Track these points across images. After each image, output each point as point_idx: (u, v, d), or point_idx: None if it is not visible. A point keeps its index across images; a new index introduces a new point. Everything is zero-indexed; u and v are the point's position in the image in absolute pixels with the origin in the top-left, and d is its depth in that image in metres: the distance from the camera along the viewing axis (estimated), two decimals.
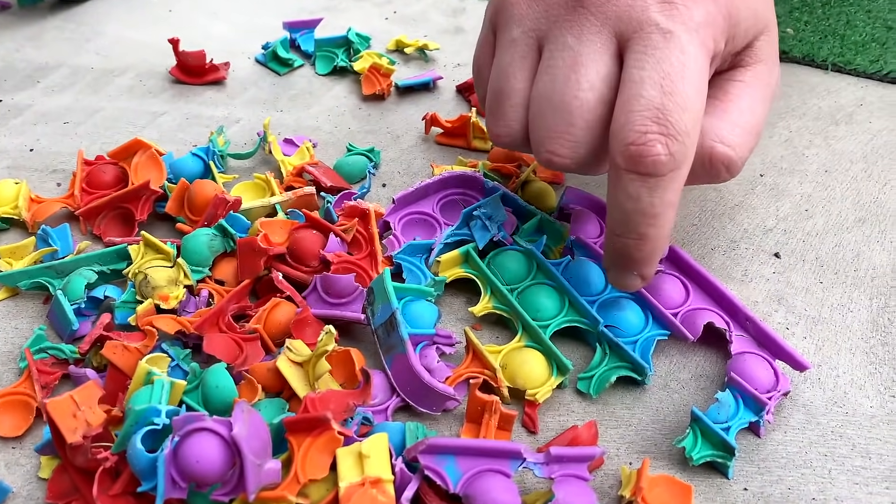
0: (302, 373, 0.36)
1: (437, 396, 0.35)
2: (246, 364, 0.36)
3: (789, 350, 0.37)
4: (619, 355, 0.38)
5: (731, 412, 0.35)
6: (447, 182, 0.45)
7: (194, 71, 0.56)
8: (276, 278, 0.39)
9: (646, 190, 0.32)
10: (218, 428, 0.29)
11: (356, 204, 0.43)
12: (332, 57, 0.58)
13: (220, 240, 0.41)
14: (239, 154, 0.49)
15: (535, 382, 0.37)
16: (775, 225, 0.46)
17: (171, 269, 0.40)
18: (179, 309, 0.39)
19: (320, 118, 0.54)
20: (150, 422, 0.31)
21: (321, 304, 0.39)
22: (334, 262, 0.40)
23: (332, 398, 0.33)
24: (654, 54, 0.32)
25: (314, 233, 0.41)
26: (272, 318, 0.38)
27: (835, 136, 0.52)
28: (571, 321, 0.39)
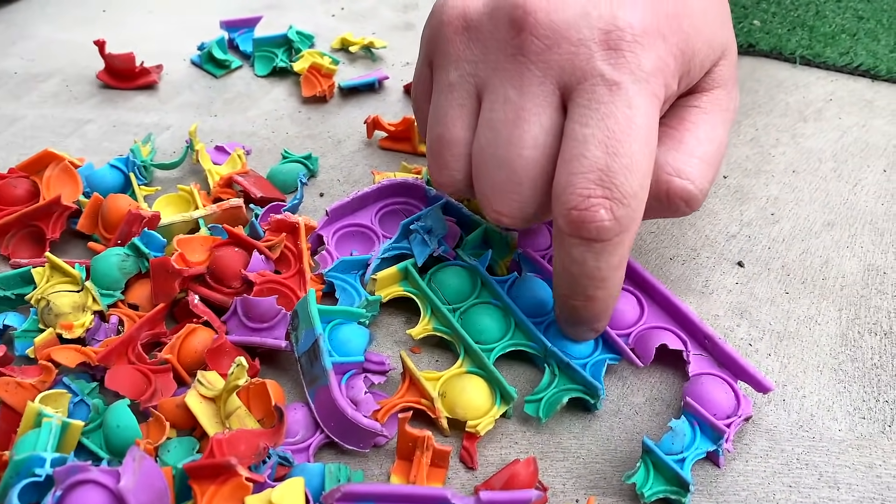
0: (214, 409, 0.32)
1: (363, 433, 0.32)
2: (154, 399, 0.33)
3: (751, 371, 0.34)
4: (570, 376, 0.35)
5: (687, 441, 0.32)
6: (386, 191, 0.42)
7: (123, 75, 0.53)
8: (191, 302, 0.36)
9: (591, 255, 0.30)
10: (104, 480, 0.26)
11: (284, 217, 0.39)
12: (271, 57, 0.54)
13: (132, 260, 0.37)
14: (164, 164, 0.45)
15: (477, 412, 0.34)
16: (739, 231, 0.43)
17: (77, 294, 0.36)
18: (88, 338, 0.36)
19: (257, 123, 0.50)
20: (32, 472, 0.27)
21: (241, 330, 0.36)
22: (257, 282, 0.37)
23: (241, 439, 0.30)
24: (599, 109, 0.29)
25: (236, 250, 0.38)
26: (187, 347, 0.35)
27: (803, 134, 0.49)
28: (517, 345, 0.36)
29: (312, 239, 0.40)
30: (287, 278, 0.38)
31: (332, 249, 0.40)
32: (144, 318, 0.36)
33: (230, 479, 0.28)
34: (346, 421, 0.32)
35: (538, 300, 0.37)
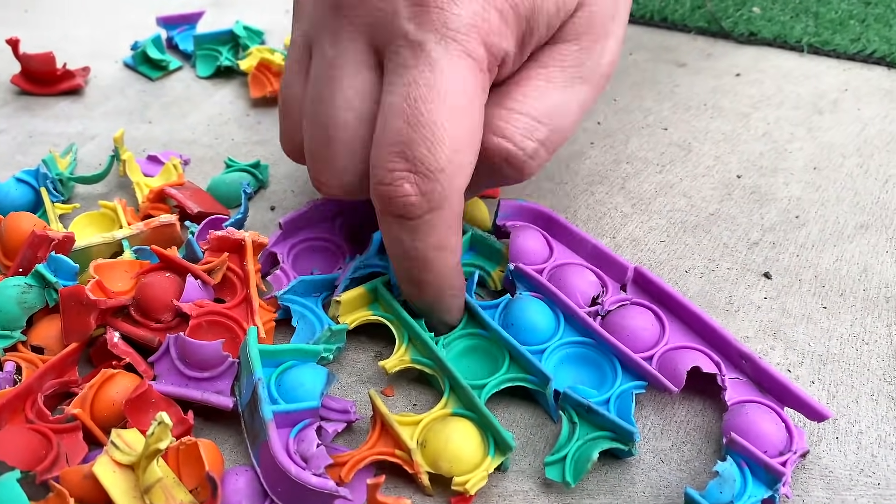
0: (132, 479, 0.25)
1: (315, 496, 0.25)
2: (56, 468, 0.26)
3: (801, 395, 0.28)
4: (593, 421, 0.28)
5: (738, 488, 0.26)
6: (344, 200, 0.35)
7: (43, 78, 0.46)
8: (109, 340, 0.29)
9: (406, 233, 0.28)
10: None
11: (226, 233, 0.32)
12: (214, 56, 0.48)
13: (36, 291, 0.30)
14: (84, 177, 0.38)
15: (465, 466, 0.27)
16: (761, 237, 0.37)
17: None
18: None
19: (198, 130, 0.44)
20: None
21: (175, 377, 0.29)
22: (193, 314, 0.30)
23: None
24: (403, 75, 0.27)
25: (167, 276, 0.31)
26: (103, 397, 0.28)
27: (820, 127, 0.44)
28: (513, 380, 0.29)
29: (263, 258, 0.34)
30: (231, 308, 0.31)
31: (287, 268, 0.33)
32: (49, 362, 0.28)
33: None
34: (292, 482, 0.25)
35: (537, 325, 0.31)
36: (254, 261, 0.32)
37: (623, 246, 0.36)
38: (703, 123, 0.44)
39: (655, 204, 0.39)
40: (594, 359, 0.30)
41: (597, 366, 0.30)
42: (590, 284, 0.32)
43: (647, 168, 0.41)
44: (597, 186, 0.40)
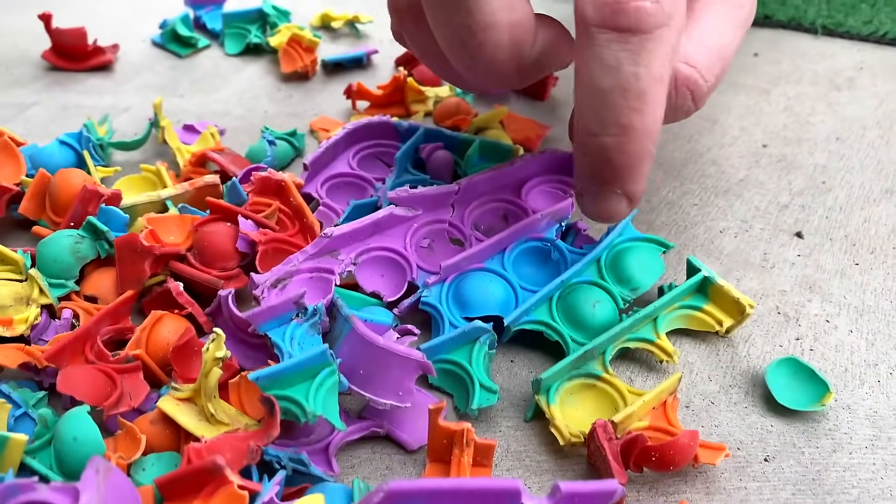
0: (195, 409, 0.26)
1: (401, 370, 0.26)
2: (122, 405, 0.26)
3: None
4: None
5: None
6: (354, 135, 0.37)
7: (74, 54, 0.46)
8: (174, 290, 0.29)
9: (627, 55, 0.24)
10: (57, 499, 0.19)
11: (269, 174, 0.33)
12: (243, 34, 0.48)
13: (88, 242, 0.31)
14: (124, 143, 0.38)
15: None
16: (791, 200, 0.38)
17: (20, 284, 0.30)
18: (33, 337, 0.29)
19: (230, 102, 0.44)
20: None
21: (230, 338, 0.29)
22: (261, 241, 0.31)
23: (224, 444, 0.23)
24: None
25: (227, 225, 0.31)
26: (157, 338, 0.28)
27: (839, 102, 0.45)
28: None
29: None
30: (293, 236, 0.32)
31: (329, 202, 0.35)
32: (105, 309, 0.29)
33: (217, 491, 0.22)
34: (379, 359, 0.26)
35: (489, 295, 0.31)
36: (298, 195, 0.33)
37: (658, 209, 0.37)
38: (726, 98, 0.45)
39: (686, 171, 0.39)
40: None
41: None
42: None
43: (675, 139, 0.42)
44: None
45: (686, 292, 0.31)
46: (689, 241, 0.35)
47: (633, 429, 0.26)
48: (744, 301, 0.30)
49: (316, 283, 0.30)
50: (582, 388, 0.28)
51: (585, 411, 0.28)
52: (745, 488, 0.26)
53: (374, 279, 0.31)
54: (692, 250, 0.35)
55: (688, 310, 0.31)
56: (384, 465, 0.27)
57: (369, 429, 0.27)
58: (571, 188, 0.34)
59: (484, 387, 0.28)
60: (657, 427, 0.27)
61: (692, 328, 0.31)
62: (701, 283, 0.31)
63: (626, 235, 0.32)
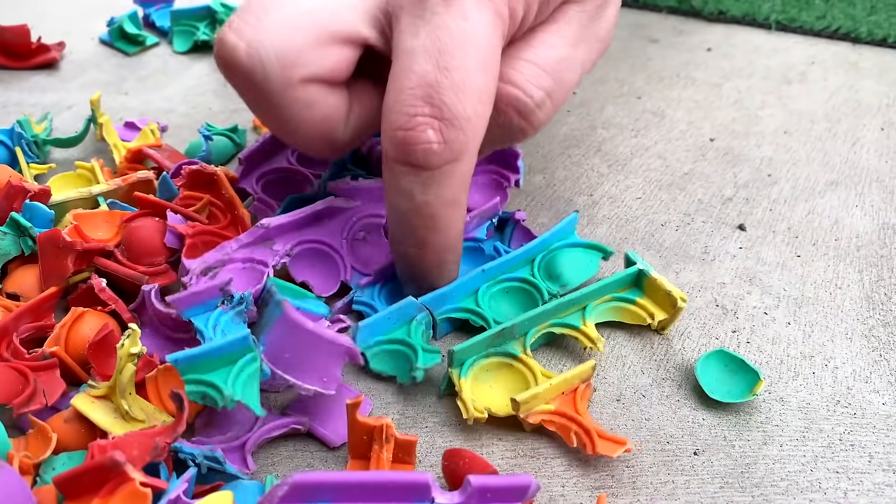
0: (110, 406, 0.25)
1: (329, 350, 0.25)
2: (34, 403, 0.25)
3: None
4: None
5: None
6: None
7: (16, 52, 0.45)
8: (97, 286, 0.29)
9: (419, 186, 0.26)
10: None
11: (200, 167, 0.32)
12: (192, 31, 0.48)
13: (11, 238, 0.30)
14: (60, 140, 0.38)
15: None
16: (735, 193, 0.38)
17: None
18: None
19: (174, 99, 0.44)
20: None
21: (155, 335, 0.28)
22: (189, 234, 0.30)
23: (130, 440, 0.23)
24: (432, 20, 0.25)
25: (156, 220, 0.31)
26: (76, 335, 0.28)
27: (789, 96, 0.45)
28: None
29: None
30: (223, 228, 0.31)
31: (264, 197, 0.34)
32: (25, 305, 0.28)
33: (118, 489, 0.21)
34: (307, 343, 0.25)
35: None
36: (230, 189, 0.32)
37: (600, 203, 0.37)
38: (675, 93, 0.45)
39: (631, 165, 0.39)
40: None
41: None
42: None
43: (622, 133, 0.41)
44: (573, 149, 0.40)
45: (620, 284, 0.30)
46: (630, 235, 0.35)
47: (538, 411, 0.26)
48: (675, 294, 0.29)
49: (249, 273, 0.30)
50: (498, 367, 0.28)
51: (498, 389, 0.27)
52: (672, 482, 0.26)
53: (306, 271, 0.31)
54: (632, 244, 0.34)
55: (621, 302, 0.30)
56: (305, 462, 0.26)
57: (290, 426, 0.26)
58: (505, 179, 0.34)
59: (426, 350, 0.28)
60: (562, 413, 0.26)
61: (624, 321, 0.30)
62: (636, 277, 0.31)
63: (566, 241, 0.32)
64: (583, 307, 0.30)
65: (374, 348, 0.28)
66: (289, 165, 0.36)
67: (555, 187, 0.38)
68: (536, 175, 0.38)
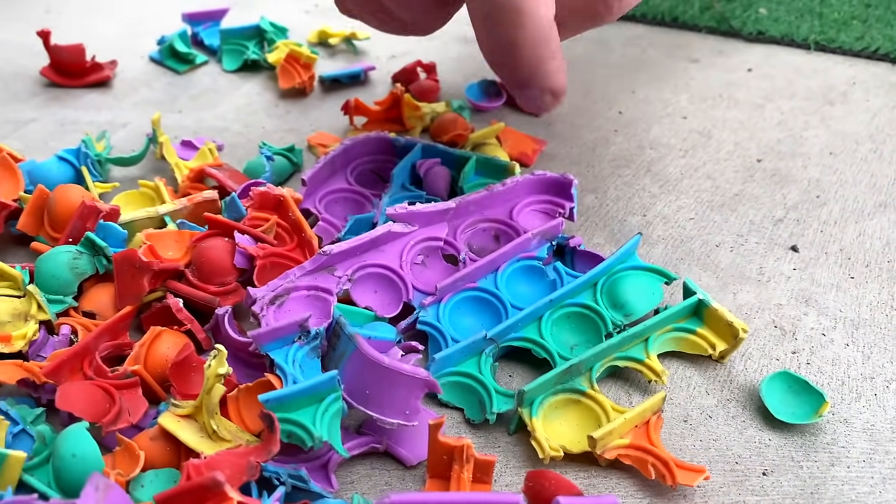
0: (196, 425, 0.26)
1: (408, 384, 0.26)
2: (120, 421, 0.26)
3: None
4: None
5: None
6: (352, 150, 0.38)
7: (72, 70, 0.46)
8: (174, 306, 0.29)
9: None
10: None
11: (267, 189, 0.33)
12: (241, 50, 0.49)
13: (86, 258, 0.31)
14: (122, 158, 0.39)
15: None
16: (785, 215, 0.38)
17: (18, 300, 0.30)
18: (31, 353, 0.29)
19: (227, 118, 0.44)
20: None
21: (230, 356, 0.29)
22: (259, 255, 0.31)
23: (223, 460, 0.23)
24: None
25: (225, 240, 0.31)
26: (155, 354, 0.28)
27: (832, 117, 0.45)
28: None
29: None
30: (290, 251, 0.32)
31: (327, 217, 0.35)
32: (104, 324, 0.29)
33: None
34: (385, 378, 0.26)
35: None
36: (297, 210, 0.33)
37: (654, 223, 0.37)
38: (720, 113, 0.45)
39: (682, 185, 0.40)
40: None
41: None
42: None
43: (670, 153, 0.42)
44: (623, 169, 0.41)
45: (680, 314, 0.31)
46: (686, 256, 0.35)
47: (613, 446, 0.26)
48: (737, 325, 0.30)
49: (313, 301, 0.30)
50: (566, 403, 0.28)
51: (569, 426, 0.28)
52: (743, 502, 0.26)
53: (369, 295, 0.31)
54: (689, 265, 0.35)
55: (681, 332, 0.31)
56: (383, 480, 0.26)
57: (368, 445, 0.27)
58: (560, 208, 0.35)
59: (500, 392, 0.28)
60: (637, 446, 0.26)
61: (685, 351, 0.31)
62: (696, 307, 0.31)
63: (628, 263, 0.32)
64: (645, 339, 0.30)
65: (445, 378, 0.29)
66: (349, 186, 0.36)
67: (608, 207, 0.38)
68: (588, 195, 0.39)
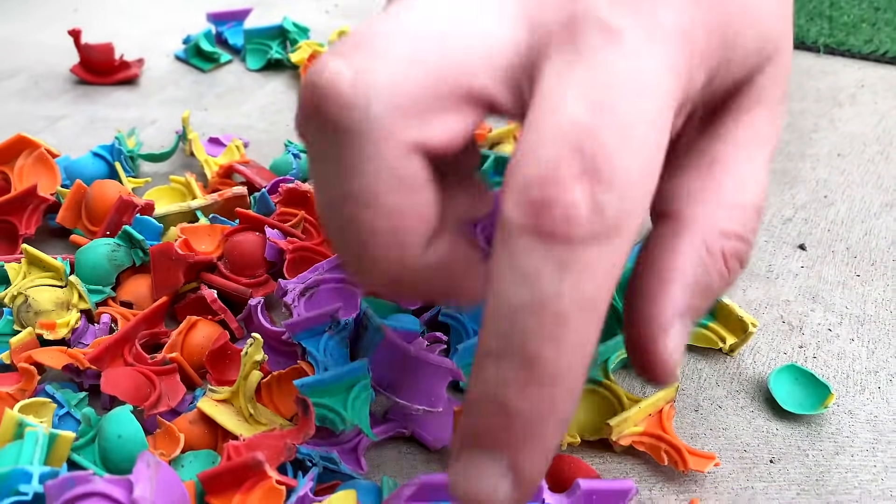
0: (232, 409, 0.27)
1: (434, 373, 0.27)
2: (160, 406, 0.28)
3: None
4: None
5: None
6: None
7: (101, 68, 0.48)
8: (209, 297, 0.31)
9: (550, 267, 0.17)
10: (112, 491, 0.21)
11: (295, 185, 0.34)
12: (265, 50, 0.50)
13: (124, 251, 0.32)
14: (153, 154, 0.40)
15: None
16: (794, 214, 0.39)
17: (61, 290, 0.31)
18: (72, 340, 0.30)
19: (253, 116, 0.46)
20: (15, 490, 0.22)
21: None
22: (289, 249, 0.32)
23: (261, 441, 0.25)
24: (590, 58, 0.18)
25: (256, 234, 0.33)
26: (191, 343, 0.30)
27: (841, 119, 0.46)
28: None
29: None
30: (318, 244, 0.33)
31: None
32: (142, 314, 0.30)
33: (256, 486, 0.23)
34: (411, 367, 0.27)
35: None
36: None
37: None
38: None
39: None
40: None
41: None
42: None
43: None
44: None
45: None
46: None
47: (629, 433, 0.28)
48: (747, 320, 0.31)
49: (341, 293, 0.32)
50: (583, 393, 0.30)
51: (585, 414, 0.29)
52: (752, 488, 0.27)
53: None
54: None
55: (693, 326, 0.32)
56: (409, 464, 0.28)
57: (395, 430, 0.28)
58: None
59: None
60: (651, 433, 0.28)
61: (696, 344, 0.32)
62: None
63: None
64: None
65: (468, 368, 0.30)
66: None
67: None
68: None
